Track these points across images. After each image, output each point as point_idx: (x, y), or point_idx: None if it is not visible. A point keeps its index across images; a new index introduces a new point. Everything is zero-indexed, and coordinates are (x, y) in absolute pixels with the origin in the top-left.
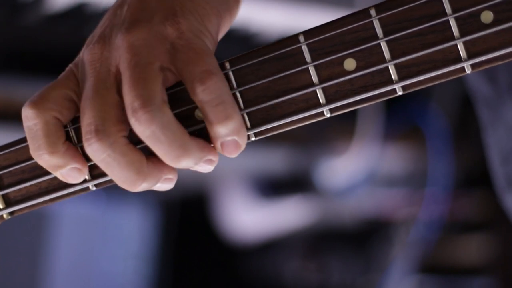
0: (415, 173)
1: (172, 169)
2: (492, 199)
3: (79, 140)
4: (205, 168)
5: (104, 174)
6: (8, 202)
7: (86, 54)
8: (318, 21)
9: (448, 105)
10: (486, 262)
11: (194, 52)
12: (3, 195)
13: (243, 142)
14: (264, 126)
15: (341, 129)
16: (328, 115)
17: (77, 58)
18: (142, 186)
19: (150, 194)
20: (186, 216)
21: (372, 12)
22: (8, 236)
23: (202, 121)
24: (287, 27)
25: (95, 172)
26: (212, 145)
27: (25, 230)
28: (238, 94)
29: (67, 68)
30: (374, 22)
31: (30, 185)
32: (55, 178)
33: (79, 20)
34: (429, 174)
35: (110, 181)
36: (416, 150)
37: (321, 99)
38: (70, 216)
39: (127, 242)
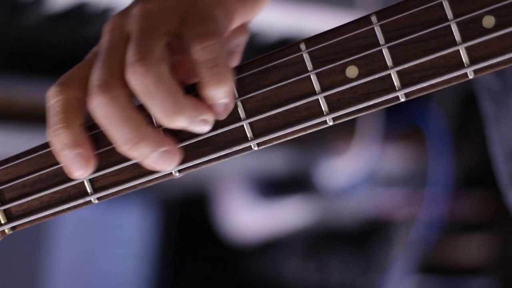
0: (415, 173)
1: (173, 142)
2: (492, 199)
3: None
4: (199, 128)
5: (106, 187)
6: (10, 217)
7: (106, 26)
8: (318, 21)
9: (448, 105)
10: (486, 262)
11: (201, 18)
12: (4, 210)
13: (232, 105)
14: (267, 136)
15: (341, 129)
16: (331, 123)
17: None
18: (143, 148)
19: (150, 194)
20: (186, 216)
21: (373, 18)
22: (8, 236)
23: None
24: (287, 27)
25: (97, 185)
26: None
27: (25, 230)
28: (239, 104)
29: (92, 49)
30: (375, 28)
31: (32, 200)
32: (57, 192)
33: (79, 20)
34: (429, 174)
35: (113, 193)
36: (416, 150)
37: (324, 107)
38: (70, 216)
39: (127, 242)
